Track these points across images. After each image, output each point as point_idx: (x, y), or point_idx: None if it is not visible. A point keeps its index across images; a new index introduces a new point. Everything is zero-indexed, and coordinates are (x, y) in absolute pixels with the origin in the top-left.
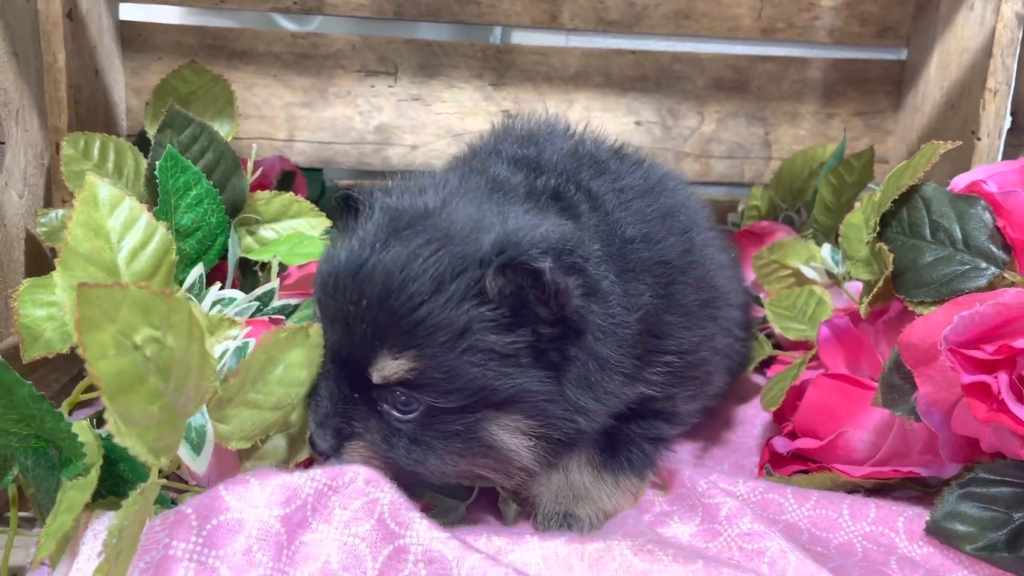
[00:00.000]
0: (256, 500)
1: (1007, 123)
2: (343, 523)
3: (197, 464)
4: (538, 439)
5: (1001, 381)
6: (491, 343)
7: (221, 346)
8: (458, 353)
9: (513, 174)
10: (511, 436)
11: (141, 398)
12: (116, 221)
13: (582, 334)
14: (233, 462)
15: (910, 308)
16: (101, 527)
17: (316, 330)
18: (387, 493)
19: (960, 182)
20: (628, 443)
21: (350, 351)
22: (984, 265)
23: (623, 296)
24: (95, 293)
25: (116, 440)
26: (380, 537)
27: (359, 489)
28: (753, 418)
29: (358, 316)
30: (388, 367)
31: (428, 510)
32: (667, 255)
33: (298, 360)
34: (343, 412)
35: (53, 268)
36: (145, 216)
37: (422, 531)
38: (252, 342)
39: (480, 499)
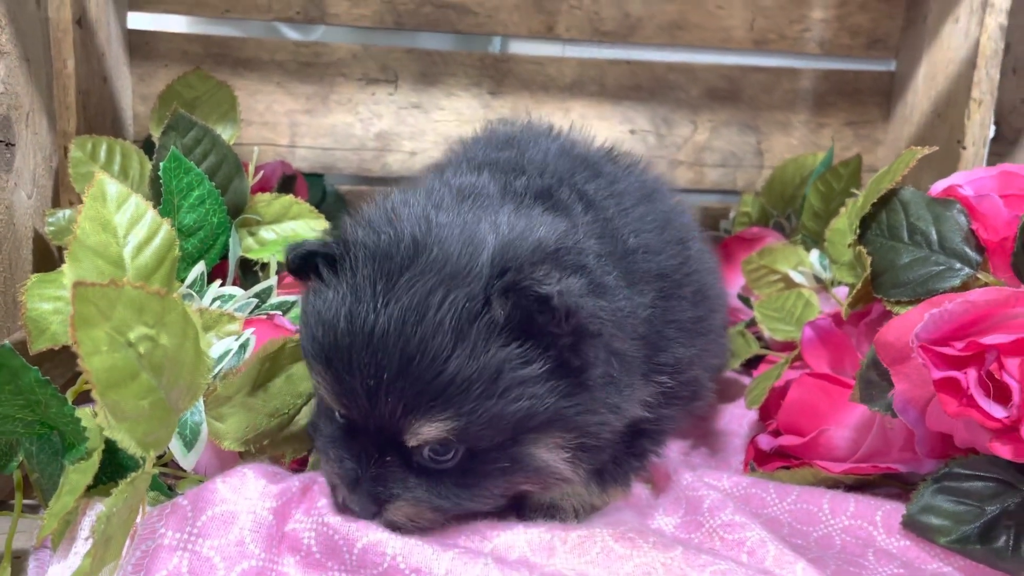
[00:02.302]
0: (250, 493)
1: (991, 132)
2: (319, 511)
3: (187, 461)
4: (575, 450)
5: (970, 377)
6: (523, 376)
7: (223, 343)
8: (495, 399)
9: (479, 178)
10: (551, 453)
11: (132, 393)
12: (123, 217)
13: (597, 335)
14: (232, 457)
15: (888, 308)
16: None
17: None
18: None
19: (938, 187)
20: (614, 460)
21: (376, 422)
22: (959, 266)
23: (629, 296)
24: (91, 291)
25: (106, 433)
26: (353, 528)
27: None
28: (739, 417)
29: (379, 389)
30: (424, 432)
31: None
32: (665, 268)
33: (300, 372)
34: (375, 476)
35: (59, 267)
36: (151, 213)
37: (392, 535)
38: (254, 339)
39: None
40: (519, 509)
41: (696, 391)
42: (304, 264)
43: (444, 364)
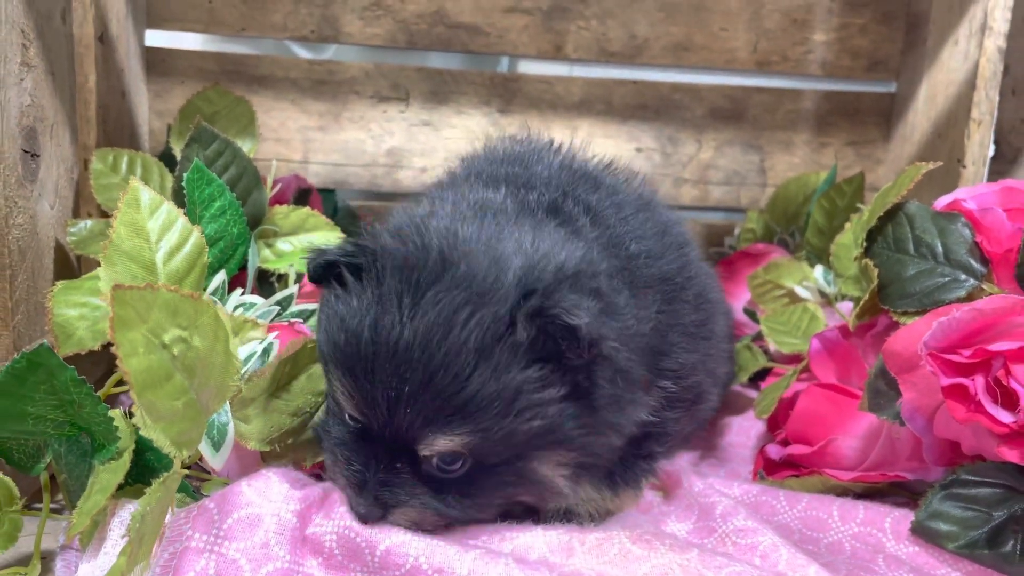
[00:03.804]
0: (274, 496)
1: (991, 151)
2: (340, 515)
3: (216, 460)
4: (575, 467)
5: (978, 383)
6: (539, 399)
7: (248, 347)
8: (511, 418)
9: (495, 193)
10: (553, 471)
11: (167, 394)
12: (155, 223)
13: (608, 359)
14: (254, 459)
15: (894, 318)
16: (126, 515)
17: None
18: None
19: (942, 202)
20: (623, 463)
21: (392, 431)
22: (963, 277)
23: (635, 309)
24: (128, 295)
25: (142, 432)
26: (375, 531)
27: None
28: (748, 429)
29: (399, 400)
30: (439, 444)
31: None
32: (667, 272)
33: (319, 371)
34: (384, 481)
35: (78, 276)
36: (182, 220)
37: (414, 537)
38: (277, 343)
39: None
40: (536, 514)
41: (699, 395)
42: (325, 272)
43: (466, 381)
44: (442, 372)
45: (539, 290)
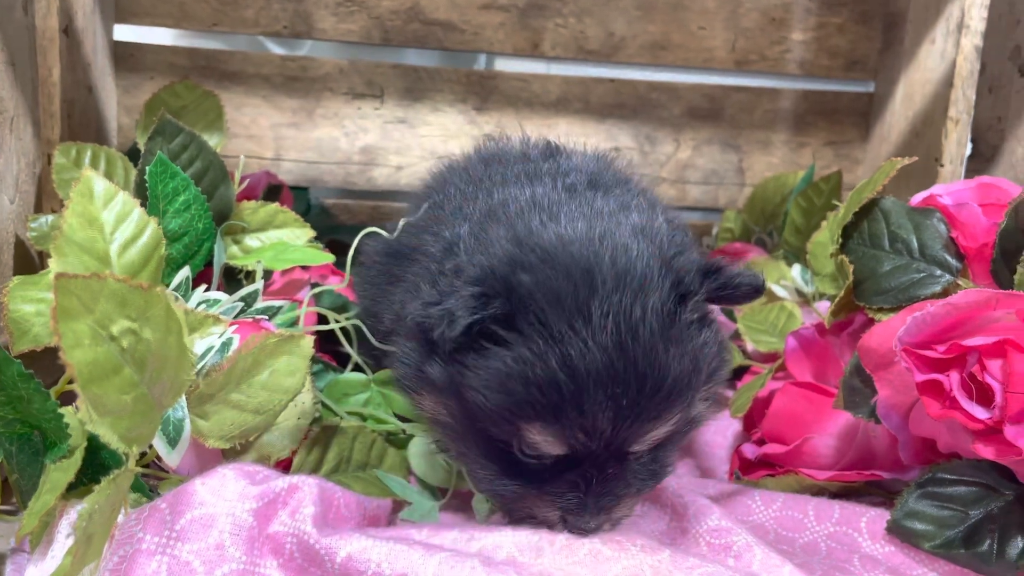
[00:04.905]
0: (229, 494)
1: (968, 150)
2: (303, 517)
3: (171, 458)
4: (708, 399)
5: (952, 379)
6: (712, 352)
7: (206, 341)
8: (699, 379)
9: (542, 187)
10: (702, 405)
11: (115, 387)
12: (110, 214)
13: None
14: (215, 456)
15: (870, 315)
16: (76, 515)
17: (307, 341)
18: (339, 496)
19: (918, 198)
20: None
21: (608, 446)
22: (939, 273)
23: None
24: (73, 283)
25: (89, 427)
26: (335, 539)
27: (313, 486)
28: (724, 429)
29: (617, 418)
30: (653, 437)
31: (401, 508)
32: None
33: (284, 367)
34: (600, 492)
35: (39, 272)
36: (137, 211)
37: (377, 542)
38: (236, 338)
39: (452, 499)
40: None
41: None
42: (467, 335)
43: (666, 371)
44: (648, 372)
45: (690, 266)
